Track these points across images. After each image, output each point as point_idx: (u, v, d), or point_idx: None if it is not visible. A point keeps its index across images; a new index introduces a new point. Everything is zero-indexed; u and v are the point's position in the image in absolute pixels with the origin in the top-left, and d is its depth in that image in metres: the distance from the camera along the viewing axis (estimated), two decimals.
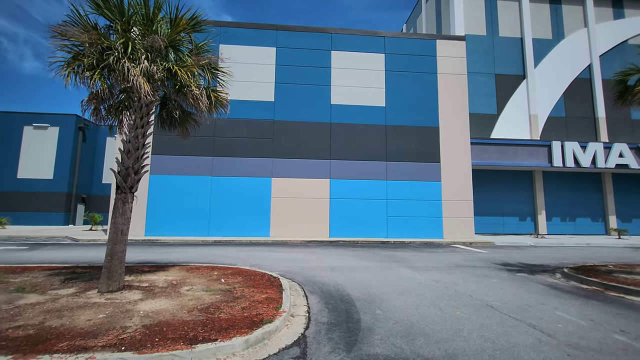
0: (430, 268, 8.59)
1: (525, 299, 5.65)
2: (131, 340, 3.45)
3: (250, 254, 10.77)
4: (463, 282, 6.95)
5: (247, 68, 16.27)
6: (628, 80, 8.09)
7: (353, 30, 17.56)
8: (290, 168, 16.17)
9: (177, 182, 15.59)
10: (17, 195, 22.33)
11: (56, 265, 7.40)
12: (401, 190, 16.59)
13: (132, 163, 5.71)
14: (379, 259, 10.00)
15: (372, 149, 16.71)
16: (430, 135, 17.09)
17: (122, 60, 5.17)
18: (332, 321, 4.50)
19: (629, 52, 22.27)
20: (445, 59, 17.71)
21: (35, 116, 23.50)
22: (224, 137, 15.95)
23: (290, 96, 16.62)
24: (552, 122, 21.70)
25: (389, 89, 17.25)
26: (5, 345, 3.27)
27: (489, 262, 9.67)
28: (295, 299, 5.47)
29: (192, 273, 6.79)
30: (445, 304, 5.29)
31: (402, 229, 16.26)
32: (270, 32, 16.95)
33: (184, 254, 10.42)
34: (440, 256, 10.94)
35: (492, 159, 19.50)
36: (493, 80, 21.77)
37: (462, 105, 17.48)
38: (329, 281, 6.85)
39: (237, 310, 4.52)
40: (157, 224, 15.16)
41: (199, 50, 6.32)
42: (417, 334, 4.03)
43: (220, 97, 6.42)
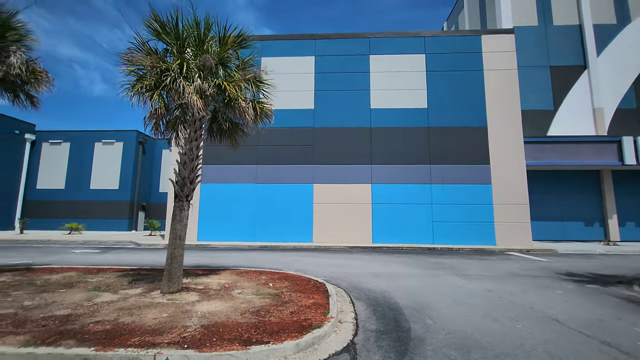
0: (483, 276, 8.10)
1: (596, 313, 5.11)
2: (192, 339, 3.70)
3: (294, 259, 10.99)
4: (521, 292, 6.46)
5: (287, 78, 16.78)
6: None
7: (391, 33, 17.35)
8: (332, 174, 16.28)
9: (224, 190, 16.46)
10: (91, 204, 25.09)
11: (124, 268, 8.18)
12: (447, 194, 15.88)
13: (187, 173, 6.16)
14: (425, 266, 9.65)
15: (415, 152, 16.26)
16: (477, 135, 16.21)
17: (179, 79, 5.63)
18: (381, 329, 4.43)
19: None
20: (492, 55, 16.77)
21: (104, 133, 26.31)
22: (267, 146, 16.54)
23: (330, 103, 16.80)
24: (621, 115, 19.47)
25: (430, 89, 16.72)
26: (88, 338, 3.69)
27: (551, 272, 8.87)
28: (342, 305, 5.48)
29: (242, 277, 7.10)
30: (502, 316, 4.96)
31: (449, 235, 15.53)
32: (309, 41, 17.36)
33: (233, 259, 10.92)
34: (493, 264, 10.27)
35: (549, 158, 17.93)
36: (548, 73, 20.13)
37: (513, 103, 16.37)
38: (374, 288, 6.76)
39: (286, 314, 4.64)
40: (207, 230, 16.10)
41: (244, 65, 6.67)
42: (473, 347, 3.82)
43: (265, 108, 6.72)
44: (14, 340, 3.60)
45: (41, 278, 6.71)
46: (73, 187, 25.44)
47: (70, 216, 24.34)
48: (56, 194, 25.39)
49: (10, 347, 3.45)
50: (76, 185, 25.45)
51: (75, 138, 26.23)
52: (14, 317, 4.39)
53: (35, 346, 3.46)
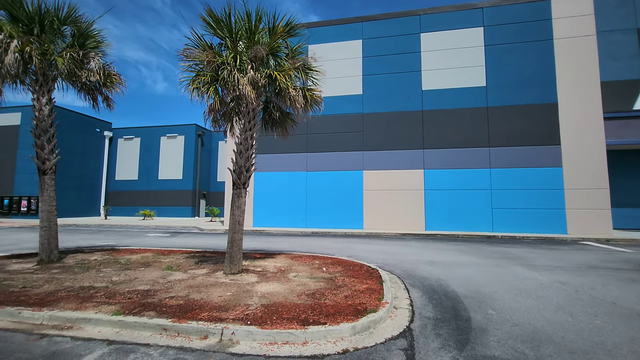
0: (553, 267, 7.41)
1: None
2: (254, 317, 3.95)
3: (346, 245, 11.08)
4: (601, 286, 5.79)
5: (335, 64, 16.59)
6: None
7: (444, 8, 16.14)
8: (381, 160, 15.94)
9: (277, 178, 17.06)
10: (159, 193, 27.82)
11: (190, 250, 8.97)
12: (509, 179, 14.65)
13: (243, 162, 6.48)
14: (485, 255, 9.10)
15: (471, 135, 15.18)
16: (545, 113, 14.59)
17: (233, 72, 5.87)
18: (438, 317, 4.31)
19: None
20: (563, 21, 14.80)
21: (167, 128, 28.74)
22: (316, 134, 16.69)
23: (379, 87, 16.32)
24: None
25: (490, 66, 15.35)
26: (165, 310, 4.14)
27: (637, 264, 7.81)
28: (396, 291, 5.42)
29: (296, 261, 7.36)
30: (579, 310, 4.51)
31: (512, 223, 14.39)
32: (355, 25, 16.89)
33: (287, 244, 11.36)
34: (565, 254, 9.32)
35: (635, 136, 15.54)
36: (635, 37, 17.22)
37: (591, 74, 14.37)
38: (430, 275, 6.56)
39: (341, 298, 4.72)
40: (262, 216, 16.91)
41: (293, 54, 6.74)
42: (544, 341, 3.55)
43: (315, 95, 6.74)
44: (108, 309, 4.18)
45: (124, 257, 7.65)
46: (144, 177, 28.37)
47: (143, 204, 27.27)
48: (131, 185, 28.56)
49: (106, 314, 4.01)
50: (147, 176, 28.34)
51: (144, 133, 29.05)
52: (106, 290, 5.08)
53: (124, 315, 3.98)
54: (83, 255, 7.93)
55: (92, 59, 7.39)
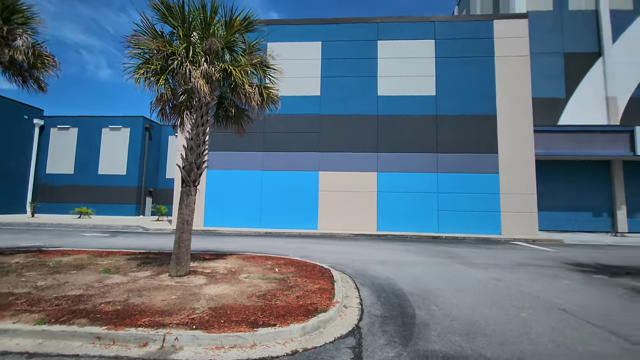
0: (489, 265, 8.09)
1: (604, 304, 5.09)
2: (200, 320, 3.77)
3: (300, 245, 11.08)
4: (528, 282, 6.45)
5: (294, 64, 16.54)
6: None
7: (400, 18, 16.91)
8: (338, 161, 16.21)
9: (231, 176, 16.53)
10: (99, 189, 25.43)
11: (133, 251, 8.32)
12: (454, 183, 15.76)
13: (194, 159, 6.17)
14: (431, 254, 9.67)
15: (422, 141, 16.07)
16: (486, 124, 15.94)
17: (185, 63, 5.57)
18: (386, 314, 4.48)
19: None
20: (503, 40, 16.30)
21: (111, 119, 26.42)
22: (273, 133, 16.48)
23: (337, 89, 16.58)
24: (634, 103, 18.92)
25: (439, 76, 16.38)
26: (99, 317, 3.78)
27: (559, 262, 8.83)
28: (347, 290, 5.53)
29: (248, 262, 7.19)
30: (509, 305, 4.96)
31: (455, 224, 15.48)
32: (316, 26, 17.01)
33: (239, 244, 11.05)
34: (499, 253, 10.25)
35: (560, 148, 17.60)
36: (561, 60, 19.54)
37: (524, 90, 16.00)
38: (380, 275, 6.80)
39: (292, 298, 4.70)
40: (213, 216, 16.26)
41: (251, 50, 6.58)
42: (478, 334, 3.84)
43: (272, 94, 6.64)
44: (29, 318, 3.71)
45: (53, 260, 6.87)
46: (82, 172, 25.75)
47: (80, 200, 24.75)
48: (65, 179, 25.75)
49: (26, 324, 3.55)
50: (84, 170, 25.76)
51: (83, 123, 26.38)
52: (28, 296, 4.51)
53: (50, 324, 3.56)
54: (1, 258, 6.97)
55: (20, 36, 6.54)
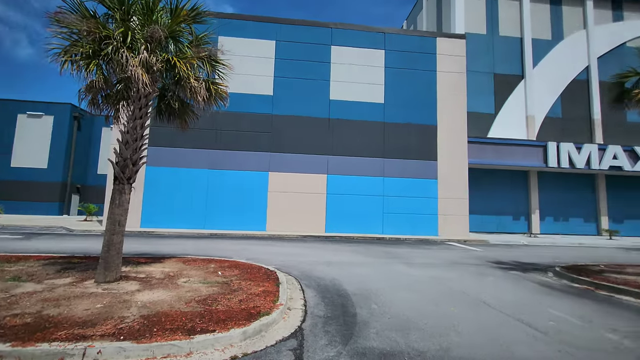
0: (427, 265, 8.68)
1: (518, 297, 5.75)
2: (130, 330, 3.47)
3: (246, 247, 10.80)
4: (459, 279, 7.04)
5: (246, 61, 16.14)
6: (626, 82, 8.17)
7: (353, 26, 17.47)
8: (288, 163, 16.15)
9: (173, 174, 15.52)
10: (11, 183, 22.09)
11: (52, 255, 7.37)
12: (398, 187, 16.66)
13: (130, 154, 5.68)
14: (375, 255, 10.08)
15: (370, 146, 16.73)
16: (428, 133, 17.13)
17: (122, 50, 5.11)
18: (329, 315, 4.55)
19: (627, 55, 22.40)
20: (445, 57, 17.70)
21: (30, 104, 23.17)
22: (222, 131, 15.87)
23: (290, 90, 16.54)
24: (548, 122, 21.85)
25: (388, 85, 17.22)
26: (3, 333, 3.27)
27: (484, 260, 9.79)
28: (292, 292, 5.51)
29: (188, 265, 6.80)
30: (441, 300, 5.36)
31: (398, 226, 16.36)
32: (271, 25, 16.81)
33: (180, 246, 10.42)
34: (435, 253, 11.05)
35: (488, 158, 19.62)
36: (492, 79, 21.83)
37: (461, 104, 17.52)
38: (325, 275, 6.90)
39: (235, 302, 4.55)
40: (153, 216, 15.11)
41: (199, 42, 6.26)
42: (412, 329, 4.09)
43: (220, 90, 6.39)
44: None
45: None
46: None
47: None
48: None
49: None
50: None
51: None
52: None
53: None
54: None
55: None
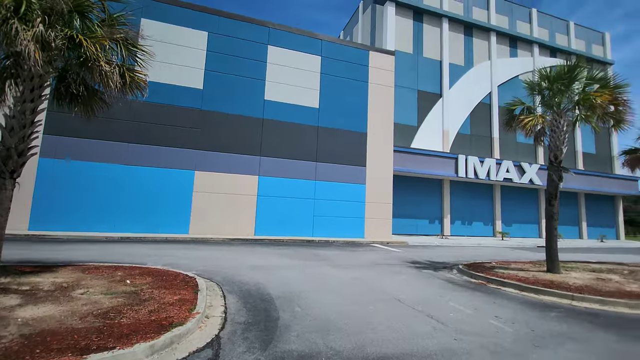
0: (351, 266, 9.05)
1: (427, 293, 6.35)
2: (5, 352, 2.89)
3: (164, 252, 9.94)
4: (378, 278, 7.50)
5: (174, 49, 14.98)
6: (514, 109, 9.72)
7: (292, 28, 17.53)
8: (217, 162, 15.36)
9: (78, 168, 13.52)
10: None
11: None
12: (329, 191, 17.12)
13: (15, 143, 4.77)
14: (303, 257, 10.17)
15: (304, 149, 16.90)
16: (359, 140, 18.00)
17: (12, 20, 4.28)
18: (250, 320, 4.42)
19: (518, 86, 26.76)
20: (376, 70, 18.86)
21: None
22: (142, 123, 14.38)
23: (222, 86, 15.80)
24: (460, 137, 24.85)
25: (323, 91, 17.64)
26: None
27: (402, 260, 10.61)
28: (212, 299, 5.23)
29: (89, 274, 5.97)
30: (361, 299, 5.63)
31: (327, 228, 16.80)
32: (204, 15, 15.87)
33: (82, 252, 9.11)
34: (360, 255, 11.61)
35: (410, 166, 21.47)
36: (416, 95, 23.99)
37: (388, 115, 18.84)
38: (249, 280, 6.71)
39: (143, 313, 4.13)
40: (47, 217, 12.89)
41: (113, 22, 5.61)
42: (332, 329, 4.20)
43: (138, 78, 5.78)
44: None
45: None
46: None
47: None
48: None
49: None
50: None
51: None
52: None
53: None
54: None
55: None
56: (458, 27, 26.18)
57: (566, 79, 8.75)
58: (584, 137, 29.47)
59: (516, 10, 28.66)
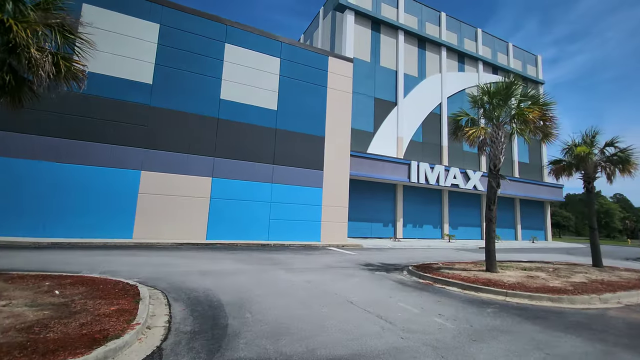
0: (305, 269, 9.05)
1: (379, 294, 6.55)
2: None
3: (103, 258, 9.13)
4: (331, 281, 7.58)
5: (121, 40, 13.95)
6: (460, 120, 10.48)
7: (251, 28, 17.22)
8: (167, 162, 14.49)
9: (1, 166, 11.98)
10: None
11: None
12: (286, 194, 17.00)
13: None
14: (256, 262, 9.96)
15: (261, 151, 16.62)
16: (316, 143, 18.14)
17: None
18: (196, 329, 4.22)
19: (464, 99, 28.96)
20: (335, 76, 19.20)
21: None
22: (80, 117, 13.13)
23: (174, 82, 14.99)
24: (412, 144, 26.17)
25: (282, 93, 17.53)
26: None
27: (355, 263, 10.85)
28: (155, 308, 4.90)
29: (12, 284, 5.29)
30: (314, 303, 5.64)
31: (284, 232, 16.66)
32: (155, 5, 14.93)
33: (4, 260, 8.03)
34: (315, 258, 11.66)
35: (366, 171, 22.12)
36: (372, 102, 24.84)
37: (346, 120, 19.26)
38: (198, 286, 6.41)
39: (74, 327, 3.75)
40: None
41: (48, 6, 5.07)
42: (284, 334, 4.15)
43: (74, 68, 5.28)
44: None
45: None
46: None
47: None
48: None
49: None
50: None
51: None
52: None
53: None
54: None
55: None
56: (413, 40, 27.67)
57: (504, 94, 9.64)
58: (519, 148, 32.64)
59: (464, 29, 31.03)
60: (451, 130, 10.79)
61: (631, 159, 11.69)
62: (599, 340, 4.45)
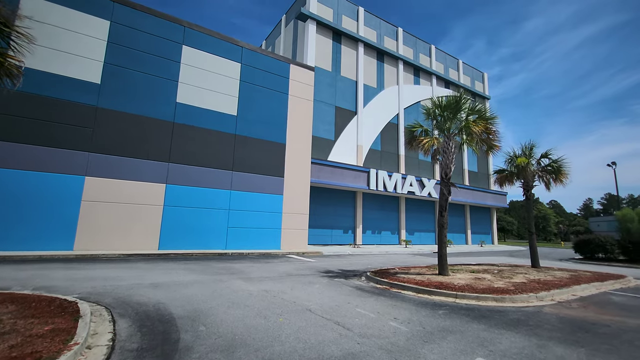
0: (264, 278, 8.88)
1: (337, 301, 6.62)
2: None
3: (37, 272, 8.24)
4: (290, 289, 7.52)
5: (65, 35, 12.88)
6: (415, 131, 11.07)
7: (210, 31, 16.81)
8: (115, 167, 13.51)
9: None
10: None
11: None
12: (245, 201, 16.64)
13: None
14: (212, 272, 9.59)
15: (219, 157, 16.14)
16: (277, 150, 18.04)
17: None
18: (144, 346, 3.95)
19: (419, 110, 30.64)
20: (296, 83, 19.33)
21: None
22: (13, 117, 11.84)
23: (124, 83, 14.11)
24: (372, 153, 27.04)
25: (242, 99, 17.24)
26: None
27: (315, 270, 10.88)
28: (97, 326, 4.51)
29: None
30: (271, 313, 5.55)
31: (243, 240, 16.25)
32: (105, 0, 14.07)
33: None
34: (275, 266, 11.50)
35: (326, 178, 22.39)
36: (333, 111, 25.34)
37: (307, 128, 19.41)
38: (148, 300, 6.02)
39: (1, 350, 3.34)
40: None
41: None
42: (239, 346, 4.04)
43: (8, 64, 4.78)
44: None
45: None
46: None
47: None
48: None
49: None
50: None
51: None
52: None
53: None
54: None
55: None
56: (372, 52, 28.81)
57: (454, 108, 10.36)
58: (469, 158, 35.14)
59: (419, 45, 32.97)
60: (407, 140, 11.35)
61: (562, 169, 13.13)
62: (534, 335, 4.89)
